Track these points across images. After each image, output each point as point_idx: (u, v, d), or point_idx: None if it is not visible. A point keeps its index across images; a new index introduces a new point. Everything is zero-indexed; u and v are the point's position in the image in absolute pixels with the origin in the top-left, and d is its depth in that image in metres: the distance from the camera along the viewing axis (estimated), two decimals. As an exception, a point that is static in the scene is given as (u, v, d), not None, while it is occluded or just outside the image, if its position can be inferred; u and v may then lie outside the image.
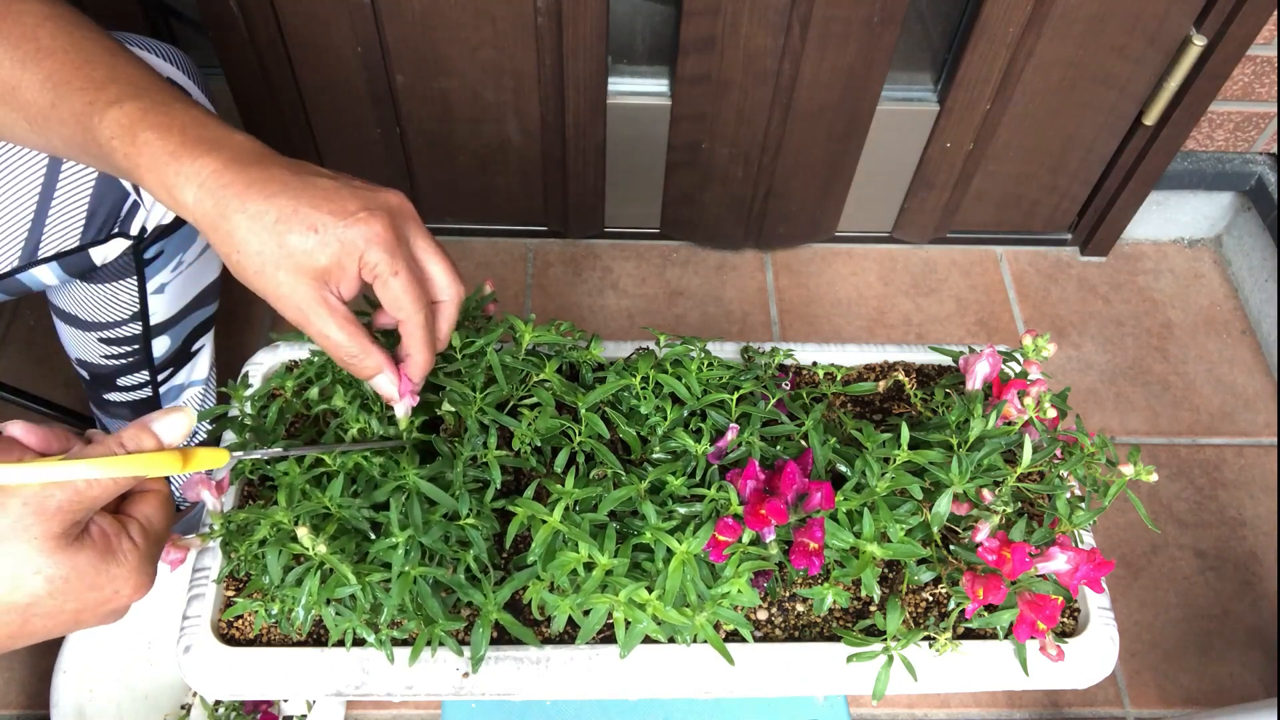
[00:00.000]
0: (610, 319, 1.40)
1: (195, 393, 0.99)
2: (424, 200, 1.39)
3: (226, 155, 0.51)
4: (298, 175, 0.52)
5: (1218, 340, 1.46)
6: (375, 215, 0.52)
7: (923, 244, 1.51)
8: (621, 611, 0.61)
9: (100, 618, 0.49)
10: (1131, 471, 0.65)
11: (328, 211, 0.51)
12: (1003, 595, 0.61)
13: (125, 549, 0.49)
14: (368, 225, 0.51)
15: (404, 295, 0.54)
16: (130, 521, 0.50)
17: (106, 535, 0.48)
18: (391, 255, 0.52)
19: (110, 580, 0.48)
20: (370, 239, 0.51)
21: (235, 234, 0.51)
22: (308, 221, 0.50)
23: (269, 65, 1.17)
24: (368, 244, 0.51)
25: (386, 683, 0.64)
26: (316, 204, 0.51)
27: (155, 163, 0.51)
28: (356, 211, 0.51)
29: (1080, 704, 1.15)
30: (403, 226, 0.54)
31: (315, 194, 0.51)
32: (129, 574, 0.48)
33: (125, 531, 0.49)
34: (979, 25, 1.15)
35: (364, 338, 0.55)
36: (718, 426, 0.69)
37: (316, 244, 0.51)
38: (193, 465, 0.51)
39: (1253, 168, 1.43)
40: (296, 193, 0.51)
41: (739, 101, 1.21)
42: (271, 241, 0.50)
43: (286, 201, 0.51)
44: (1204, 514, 1.29)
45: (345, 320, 0.54)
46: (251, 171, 0.51)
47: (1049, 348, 0.71)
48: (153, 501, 0.51)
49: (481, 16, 1.12)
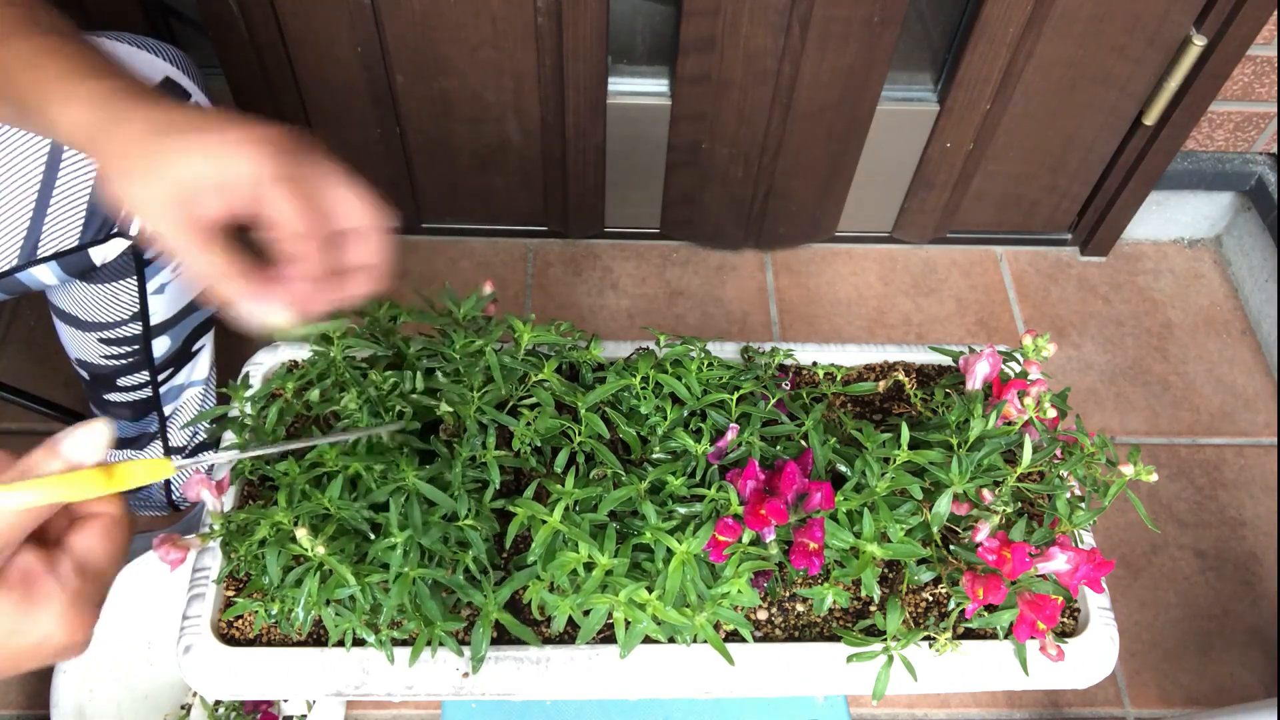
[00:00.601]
0: (610, 319, 1.40)
1: (195, 393, 0.99)
2: (424, 200, 1.39)
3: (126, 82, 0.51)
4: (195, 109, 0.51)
5: (1218, 340, 1.46)
6: (269, 131, 0.50)
7: (923, 244, 1.51)
8: (621, 611, 0.61)
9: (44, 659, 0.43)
10: (1131, 471, 0.65)
11: (219, 123, 0.49)
12: (1003, 595, 0.61)
13: (49, 591, 0.42)
14: (259, 138, 0.49)
15: (286, 204, 0.50)
16: (63, 558, 0.43)
17: (28, 578, 0.42)
18: (276, 165, 0.49)
19: (34, 626, 0.42)
20: (258, 148, 0.49)
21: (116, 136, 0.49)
22: (195, 127, 0.49)
23: (269, 65, 1.17)
24: (254, 154, 0.49)
25: (386, 683, 0.64)
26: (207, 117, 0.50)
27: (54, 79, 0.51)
28: (237, 136, 0.49)
29: (1080, 704, 1.15)
30: (300, 150, 0.51)
31: (207, 113, 0.50)
32: (56, 618, 0.42)
33: (54, 569, 0.43)
34: (979, 25, 1.15)
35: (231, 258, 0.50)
36: (718, 426, 0.69)
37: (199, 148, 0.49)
38: (120, 479, 0.45)
39: (1253, 168, 1.43)
40: (188, 110, 0.50)
41: (739, 101, 1.21)
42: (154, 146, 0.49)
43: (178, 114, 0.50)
44: (1204, 514, 1.29)
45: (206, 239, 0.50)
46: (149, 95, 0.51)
47: (1049, 348, 0.71)
48: (95, 530, 0.45)
49: (481, 16, 1.12)
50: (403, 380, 0.67)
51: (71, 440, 0.44)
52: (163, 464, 0.46)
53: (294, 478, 0.62)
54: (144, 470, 0.46)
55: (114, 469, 0.45)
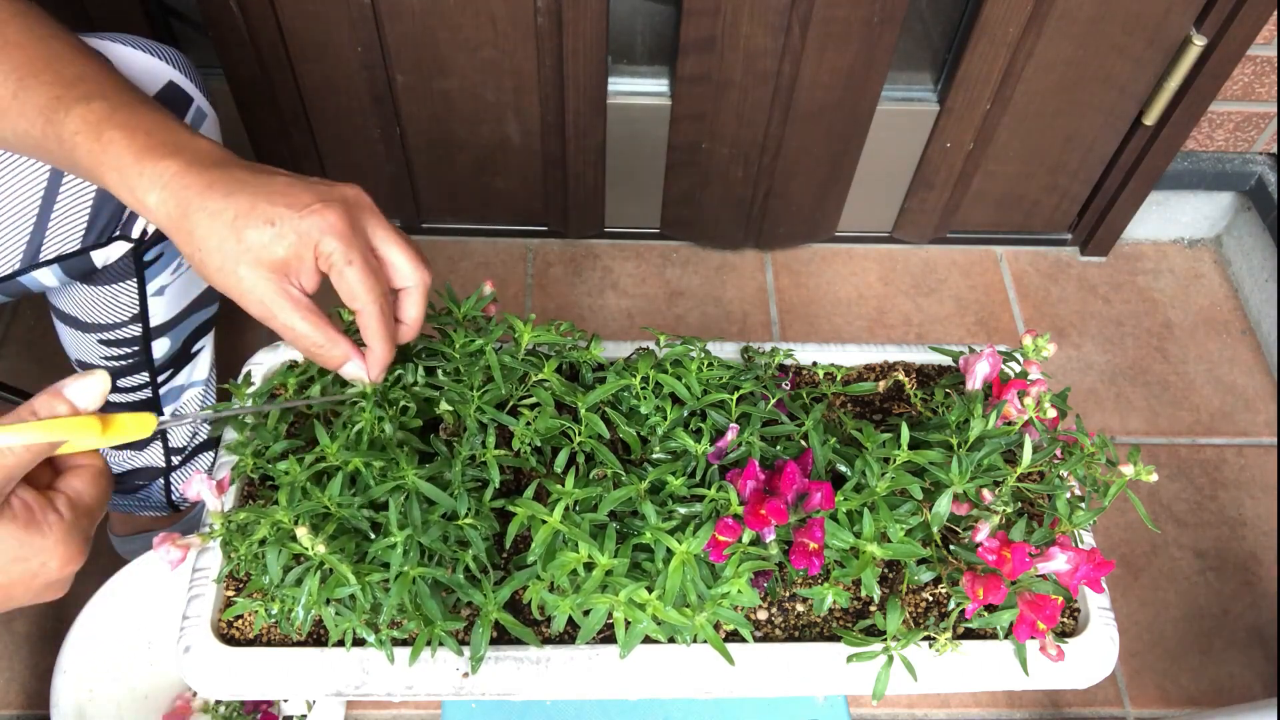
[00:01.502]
0: (610, 319, 1.40)
1: (195, 393, 0.99)
2: (424, 200, 1.39)
3: (188, 157, 0.53)
4: (255, 175, 0.54)
5: (1218, 340, 1.46)
6: (329, 206, 0.53)
7: (923, 244, 1.51)
8: (621, 611, 0.61)
9: (34, 593, 0.49)
10: (1131, 471, 0.65)
11: (284, 205, 0.52)
12: (1003, 595, 0.61)
13: (50, 520, 0.48)
14: (321, 216, 0.53)
15: (358, 284, 0.54)
16: (57, 495, 0.49)
17: (29, 507, 0.48)
18: (346, 244, 0.53)
19: (36, 552, 0.47)
20: (324, 229, 0.53)
21: (196, 232, 0.52)
22: (264, 216, 0.52)
23: (269, 65, 1.17)
24: (322, 234, 0.52)
25: (386, 683, 0.64)
26: (273, 199, 0.52)
27: (120, 162, 0.53)
28: (311, 203, 0.53)
29: (1080, 704, 1.15)
30: (358, 216, 0.55)
31: (272, 190, 0.53)
32: (55, 544, 0.48)
33: (51, 504, 0.49)
34: (979, 25, 1.15)
35: (329, 327, 0.56)
36: (718, 426, 0.69)
37: (273, 237, 0.52)
38: (113, 431, 0.50)
39: (1253, 168, 1.43)
40: (254, 190, 0.53)
41: (739, 101, 1.21)
42: (230, 238, 0.52)
43: (244, 199, 0.52)
44: (1204, 514, 1.29)
45: (308, 311, 0.55)
46: (211, 173, 0.53)
47: (1049, 348, 0.71)
48: (83, 476, 0.51)
49: (481, 16, 1.12)
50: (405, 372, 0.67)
51: (76, 386, 0.49)
52: (146, 418, 0.51)
53: (294, 476, 0.62)
54: (133, 423, 0.51)
55: (109, 419, 0.50)
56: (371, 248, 0.56)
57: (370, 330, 0.57)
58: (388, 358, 0.59)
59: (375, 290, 0.55)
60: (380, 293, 0.56)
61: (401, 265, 0.58)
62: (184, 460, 1.05)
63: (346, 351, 0.57)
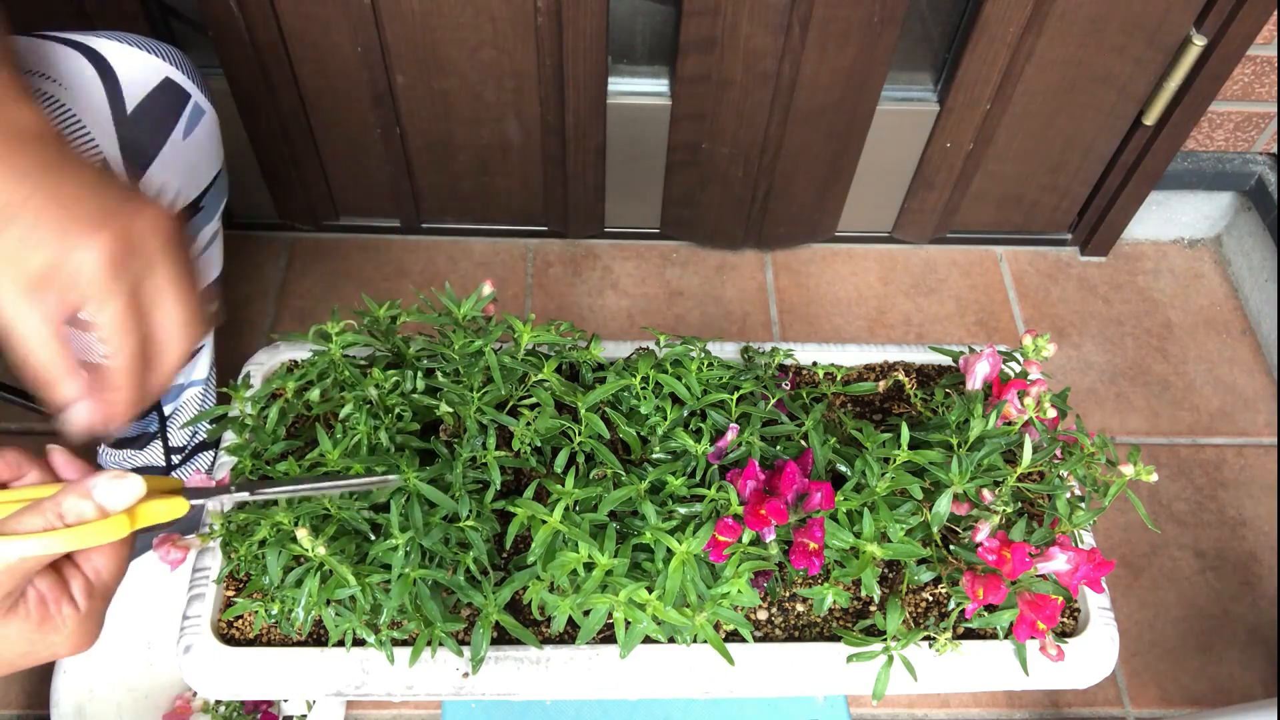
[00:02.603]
0: (610, 319, 1.40)
1: (195, 393, 0.99)
2: (424, 200, 1.39)
3: None
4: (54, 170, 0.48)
5: (1218, 340, 1.46)
6: (106, 231, 0.47)
7: (923, 244, 1.51)
8: (621, 612, 0.61)
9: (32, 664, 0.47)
10: (1131, 471, 0.65)
11: (56, 213, 0.46)
12: (1003, 595, 0.61)
13: (65, 614, 0.46)
14: (92, 239, 0.46)
15: (111, 331, 0.48)
16: (75, 577, 0.47)
17: (44, 602, 0.45)
18: (108, 279, 0.47)
19: (47, 646, 0.46)
20: (90, 257, 0.46)
21: None
22: (31, 220, 0.46)
23: (269, 65, 1.17)
24: (84, 261, 0.46)
25: (386, 683, 0.64)
26: (48, 203, 0.46)
27: None
28: (88, 219, 0.47)
29: (1080, 704, 1.15)
30: (139, 249, 0.48)
31: (59, 193, 0.47)
32: (66, 638, 0.46)
33: (67, 593, 0.46)
34: (979, 25, 1.15)
35: (68, 358, 0.49)
36: (718, 426, 0.69)
37: (31, 246, 0.46)
38: (142, 523, 0.47)
39: (1253, 168, 1.43)
40: (37, 185, 0.47)
41: (739, 101, 1.21)
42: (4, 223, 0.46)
43: (23, 191, 0.46)
44: (1204, 514, 1.29)
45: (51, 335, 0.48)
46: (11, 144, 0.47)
47: (1049, 348, 0.71)
48: (105, 548, 0.48)
49: (481, 16, 1.12)
50: (404, 380, 0.67)
51: (107, 488, 0.46)
52: (177, 503, 0.49)
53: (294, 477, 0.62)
54: (162, 509, 0.48)
55: (135, 512, 0.47)
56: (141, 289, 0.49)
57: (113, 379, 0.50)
58: (127, 411, 0.51)
59: (127, 342, 0.49)
60: (133, 345, 0.49)
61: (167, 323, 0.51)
62: (184, 460, 1.05)
63: (77, 392, 0.50)
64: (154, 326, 0.51)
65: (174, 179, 0.78)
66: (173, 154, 0.77)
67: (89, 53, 0.73)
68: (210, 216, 0.86)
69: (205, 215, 0.84)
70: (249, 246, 1.43)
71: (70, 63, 0.72)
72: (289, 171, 1.32)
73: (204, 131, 0.80)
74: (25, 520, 0.44)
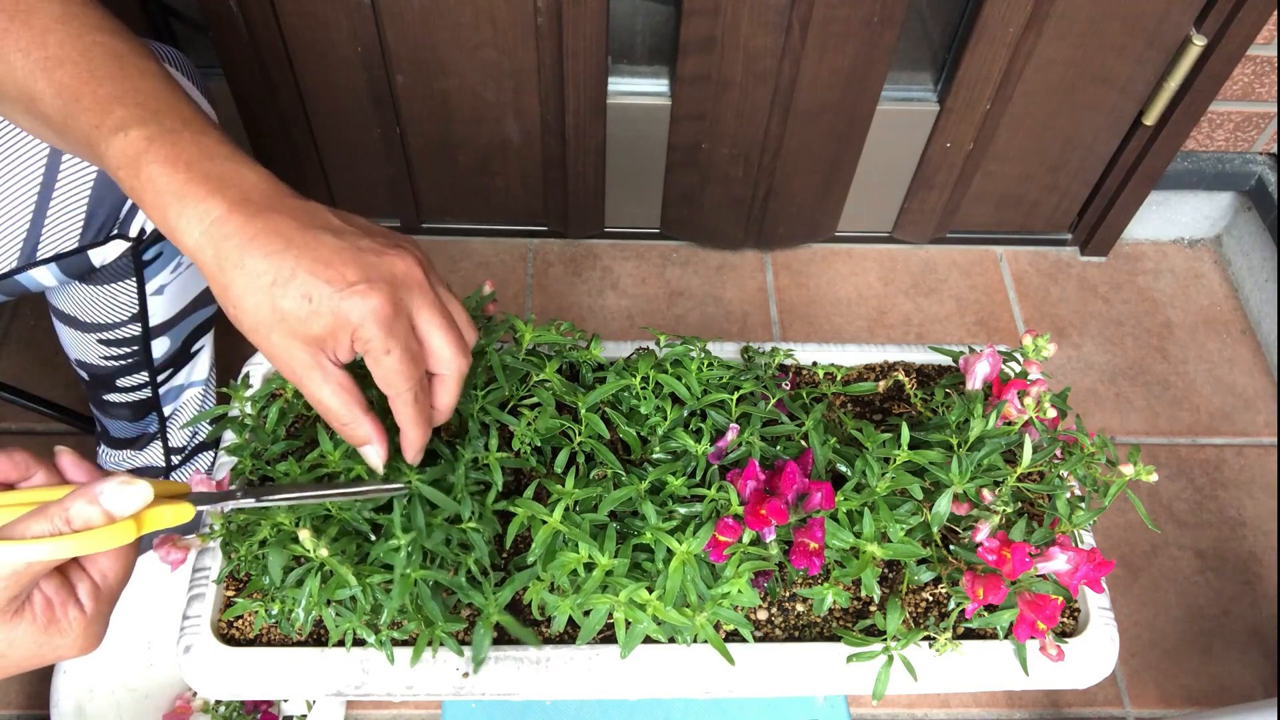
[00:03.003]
0: (610, 319, 1.40)
1: (195, 393, 0.99)
2: (424, 200, 1.39)
3: (233, 197, 0.49)
4: (303, 230, 0.50)
5: (1218, 340, 1.46)
6: (373, 288, 0.49)
7: (923, 244, 1.51)
8: (622, 612, 0.61)
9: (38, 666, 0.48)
10: (1131, 471, 0.65)
11: (324, 279, 0.49)
12: (1003, 595, 0.61)
13: (71, 617, 0.47)
14: (363, 299, 0.49)
15: (394, 374, 0.52)
16: (81, 581, 0.48)
17: (50, 605, 0.46)
18: (386, 332, 0.50)
19: (53, 649, 0.46)
20: (365, 314, 0.49)
21: (231, 289, 0.49)
22: (303, 289, 0.49)
23: (269, 65, 1.17)
24: (361, 319, 0.49)
25: (386, 683, 0.64)
26: (315, 269, 0.49)
27: (159, 200, 0.49)
28: (356, 282, 0.49)
29: (1080, 704, 1.15)
30: (405, 298, 0.51)
31: (316, 257, 0.49)
32: (73, 641, 0.47)
33: (73, 596, 0.47)
34: (979, 25, 1.15)
35: (357, 405, 0.53)
36: (718, 426, 0.69)
37: (310, 313, 0.49)
38: (148, 527, 0.48)
39: (1253, 168, 1.43)
40: (297, 253, 0.49)
41: (739, 101, 1.21)
42: (266, 303, 0.49)
43: (284, 263, 0.48)
44: (1204, 514, 1.29)
45: (339, 386, 0.52)
46: (255, 222, 0.49)
47: (1049, 348, 0.71)
48: (111, 553, 0.49)
49: (481, 16, 1.12)
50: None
51: (114, 494, 0.46)
52: (184, 508, 0.50)
53: (294, 478, 0.62)
54: (170, 514, 0.49)
55: (142, 517, 0.47)
56: (414, 328, 0.53)
57: (403, 416, 0.54)
58: (421, 441, 0.56)
59: (410, 379, 0.52)
60: (415, 380, 0.53)
61: (441, 351, 0.54)
62: (184, 460, 1.05)
63: (369, 433, 0.54)
64: (431, 362, 0.54)
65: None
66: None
67: (89, 53, 0.73)
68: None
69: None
70: (249, 246, 1.43)
71: (70, 63, 0.72)
72: (289, 172, 1.32)
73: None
74: (32, 525, 0.44)
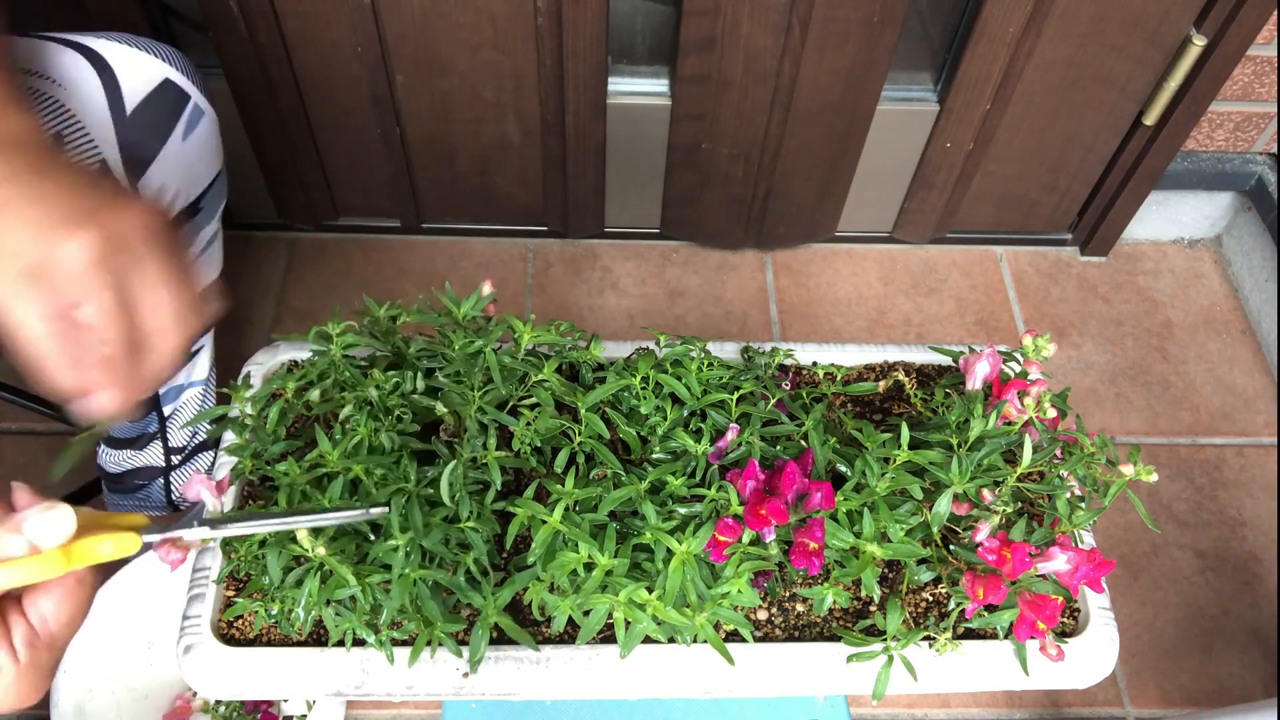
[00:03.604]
0: (610, 319, 1.40)
1: (195, 393, 0.99)
2: (424, 200, 1.39)
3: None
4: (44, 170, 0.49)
5: (1218, 340, 1.46)
6: (88, 227, 0.47)
7: (923, 244, 1.51)
8: (621, 612, 0.61)
9: None
10: (1131, 471, 0.65)
11: (37, 213, 0.47)
12: (1003, 595, 0.61)
13: (2, 666, 0.44)
14: (74, 235, 0.47)
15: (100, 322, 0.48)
16: (18, 626, 0.45)
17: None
18: (93, 274, 0.47)
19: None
20: (74, 252, 0.47)
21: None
22: (16, 217, 0.47)
23: (269, 65, 1.17)
24: (70, 256, 0.47)
25: (386, 683, 0.64)
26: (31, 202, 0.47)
27: None
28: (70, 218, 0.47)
29: (1080, 704, 1.15)
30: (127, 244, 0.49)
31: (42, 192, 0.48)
32: (3, 691, 0.44)
33: (6, 643, 0.44)
34: (979, 25, 1.15)
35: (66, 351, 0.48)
36: (718, 426, 0.69)
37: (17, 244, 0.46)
38: (78, 561, 0.44)
39: (1253, 168, 1.43)
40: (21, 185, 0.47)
41: (739, 101, 1.21)
42: None
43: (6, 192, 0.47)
44: (1204, 514, 1.29)
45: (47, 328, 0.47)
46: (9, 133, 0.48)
47: (1049, 348, 0.71)
48: (55, 594, 0.45)
49: (481, 16, 1.12)
50: (404, 380, 0.67)
51: (36, 523, 0.44)
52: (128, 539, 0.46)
53: (294, 479, 0.62)
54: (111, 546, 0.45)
55: (71, 549, 0.44)
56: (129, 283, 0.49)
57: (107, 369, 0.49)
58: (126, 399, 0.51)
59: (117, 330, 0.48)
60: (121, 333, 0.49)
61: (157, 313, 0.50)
62: (184, 460, 1.05)
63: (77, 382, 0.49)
64: (144, 317, 0.50)
65: (173, 180, 0.78)
66: (172, 155, 0.77)
67: (88, 53, 0.73)
68: (210, 217, 0.86)
69: (205, 216, 0.84)
70: (249, 247, 1.43)
71: (69, 64, 0.72)
72: (289, 172, 1.32)
73: (204, 132, 0.80)
74: None
